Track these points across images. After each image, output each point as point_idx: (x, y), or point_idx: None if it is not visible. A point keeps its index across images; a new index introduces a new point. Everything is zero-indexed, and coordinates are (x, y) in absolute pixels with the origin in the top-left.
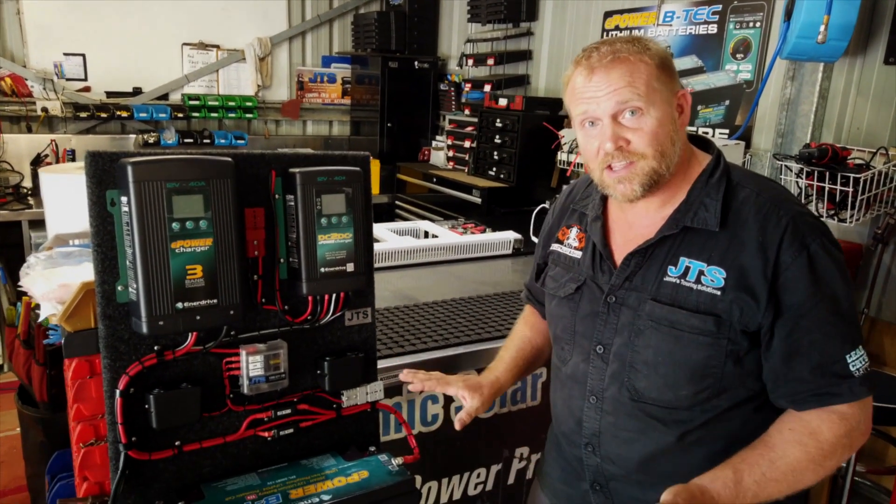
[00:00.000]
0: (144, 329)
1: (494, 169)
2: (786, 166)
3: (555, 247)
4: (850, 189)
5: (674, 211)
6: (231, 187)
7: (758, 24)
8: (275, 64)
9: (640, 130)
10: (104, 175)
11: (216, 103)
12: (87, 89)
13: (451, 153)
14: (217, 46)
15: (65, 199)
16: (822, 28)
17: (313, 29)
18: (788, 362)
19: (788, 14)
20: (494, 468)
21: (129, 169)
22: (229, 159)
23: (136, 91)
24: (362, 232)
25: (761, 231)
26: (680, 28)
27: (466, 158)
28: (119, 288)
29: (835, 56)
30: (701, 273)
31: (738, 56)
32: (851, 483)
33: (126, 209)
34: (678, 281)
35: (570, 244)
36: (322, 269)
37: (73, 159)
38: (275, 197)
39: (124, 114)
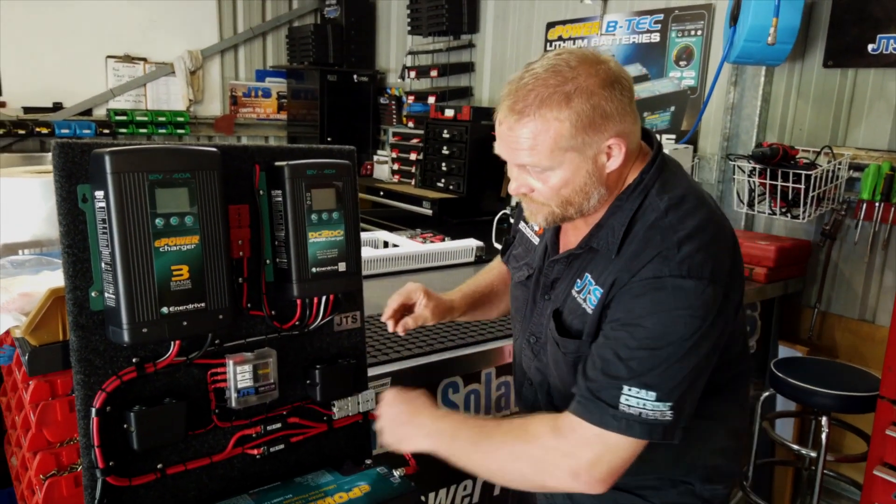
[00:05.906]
0: (126, 338)
1: (443, 180)
2: (738, 166)
3: (521, 225)
4: (802, 186)
5: (591, 228)
6: (218, 179)
7: (699, 32)
8: (206, 78)
9: (544, 184)
10: (74, 168)
11: (145, 118)
12: (1, 105)
13: (396, 166)
14: (144, 59)
15: (11, 205)
16: (771, 30)
17: (246, 42)
18: (582, 367)
19: (734, 19)
20: (481, 479)
21: (107, 159)
22: (215, 149)
23: (57, 106)
24: (353, 229)
25: (636, 253)
26: (623, 37)
27: (413, 171)
28: (93, 294)
29: (780, 59)
30: (589, 291)
31: (682, 63)
32: (821, 478)
33: (102, 205)
34: (576, 295)
35: (533, 227)
36: (313, 270)
37: None
38: (259, 192)
39: (44, 130)
